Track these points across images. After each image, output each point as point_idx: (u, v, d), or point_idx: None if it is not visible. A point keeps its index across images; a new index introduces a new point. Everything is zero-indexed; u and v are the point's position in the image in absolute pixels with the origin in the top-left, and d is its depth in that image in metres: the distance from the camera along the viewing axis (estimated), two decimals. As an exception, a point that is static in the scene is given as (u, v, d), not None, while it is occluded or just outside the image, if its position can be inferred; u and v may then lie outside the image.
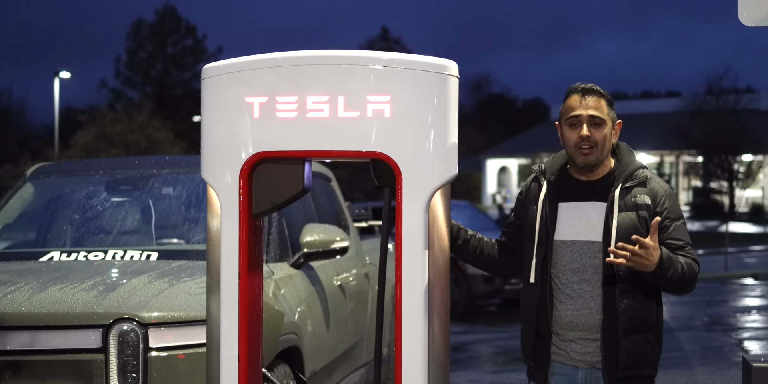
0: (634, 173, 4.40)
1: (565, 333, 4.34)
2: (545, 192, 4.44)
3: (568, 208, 4.40)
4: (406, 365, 4.09)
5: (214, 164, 4.21)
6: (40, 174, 7.23)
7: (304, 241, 6.55)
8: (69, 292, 5.42)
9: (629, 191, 4.35)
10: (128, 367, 5.15)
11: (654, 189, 4.37)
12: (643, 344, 4.29)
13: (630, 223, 4.28)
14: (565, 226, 4.37)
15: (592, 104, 4.38)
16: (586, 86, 4.45)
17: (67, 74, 43.01)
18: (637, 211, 4.31)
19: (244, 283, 4.16)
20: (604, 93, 4.43)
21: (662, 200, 4.35)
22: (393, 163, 4.07)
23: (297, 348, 6.09)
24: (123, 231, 6.75)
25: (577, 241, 4.35)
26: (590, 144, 4.34)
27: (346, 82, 4.08)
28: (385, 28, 64.41)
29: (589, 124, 4.35)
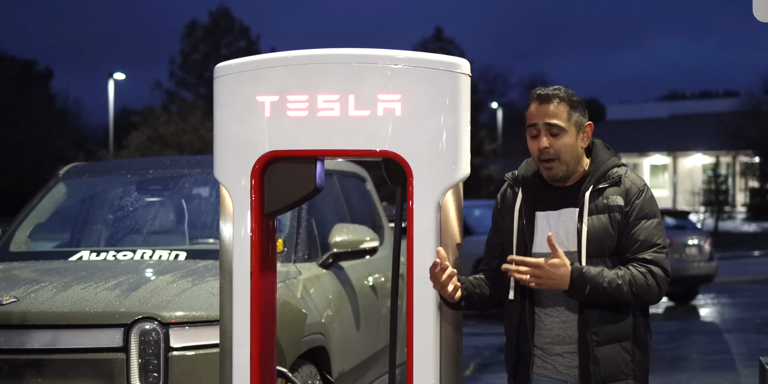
0: (607, 173, 4.11)
1: (552, 347, 4.09)
2: (520, 201, 4.15)
3: (545, 217, 4.12)
4: (418, 365, 4.07)
5: (225, 164, 4.21)
6: (72, 174, 7.27)
7: (333, 241, 6.53)
8: (92, 291, 5.44)
9: (601, 193, 4.07)
10: (149, 366, 5.15)
11: (626, 187, 4.08)
12: (619, 354, 4.03)
13: (601, 226, 4.02)
14: (543, 237, 4.06)
15: (551, 111, 4.05)
16: (543, 92, 4.09)
17: (122, 76, 43.34)
18: (609, 213, 4.04)
19: (256, 283, 4.16)
20: (566, 96, 4.08)
21: (633, 198, 4.05)
22: (404, 162, 4.05)
23: (323, 348, 6.06)
24: (153, 231, 6.77)
25: None
26: (550, 156, 4.04)
27: (357, 80, 4.07)
28: (439, 29, 64.25)
29: (547, 134, 4.05)
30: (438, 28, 64.36)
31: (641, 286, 3.96)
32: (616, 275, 3.94)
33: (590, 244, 4.00)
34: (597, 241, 4.01)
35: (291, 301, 5.77)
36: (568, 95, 4.09)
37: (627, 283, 3.94)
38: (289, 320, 5.66)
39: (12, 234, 6.86)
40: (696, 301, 19.05)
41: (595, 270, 3.93)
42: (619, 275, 3.95)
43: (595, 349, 4.00)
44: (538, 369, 4.13)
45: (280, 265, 6.22)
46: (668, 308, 18.43)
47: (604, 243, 4.02)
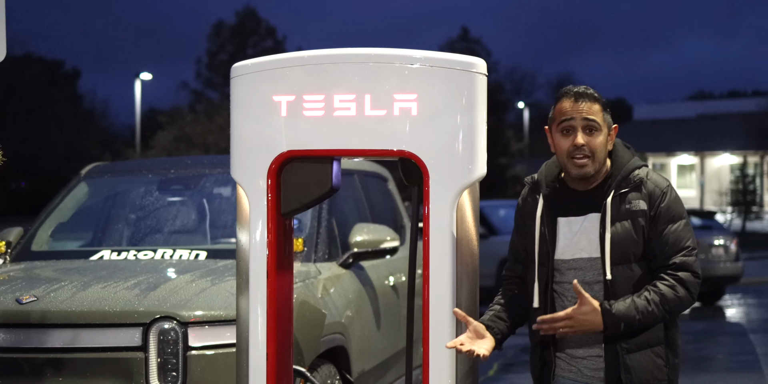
0: (628, 177, 4.03)
1: (575, 351, 4.04)
2: (542, 207, 4.08)
3: (567, 223, 4.05)
4: (434, 367, 4.06)
5: (242, 163, 4.21)
6: (94, 173, 7.30)
7: (353, 241, 6.53)
8: (111, 290, 5.46)
9: (623, 198, 3.99)
10: (168, 365, 5.17)
11: (649, 191, 4.00)
12: (652, 360, 3.97)
13: (625, 233, 3.95)
14: (566, 244, 4.02)
15: (587, 108, 3.99)
16: (579, 89, 4.05)
17: (149, 76, 43.50)
18: (633, 219, 3.96)
19: (273, 283, 4.15)
20: (599, 96, 4.05)
21: (657, 202, 3.98)
22: (420, 161, 4.04)
23: (343, 348, 6.06)
24: (174, 230, 6.79)
25: (579, 258, 4.01)
26: (584, 154, 3.97)
27: (373, 80, 4.06)
28: (465, 29, 64.19)
29: (583, 131, 3.99)
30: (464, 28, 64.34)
31: (672, 301, 3.90)
32: (646, 301, 3.87)
33: (614, 251, 3.94)
34: (621, 248, 3.94)
35: (310, 300, 5.78)
36: (599, 96, 4.06)
37: (659, 305, 3.88)
38: (308, 320, 5.66)
39: (34, 233, 6.89)
40: (722, 301, 18.95)
41: (623, 305, 3.87)
42: (650, 300, 3.88)
43: (625, 357, 3.94)
44: (562, 371, 4.08)
45: (300, 265, 6.23)
46: (694, 309, 18.34)
47: (628, 250, 3.95)
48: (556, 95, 4.09)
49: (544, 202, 4.07)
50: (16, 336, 5.31)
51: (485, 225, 17.63)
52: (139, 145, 41.45)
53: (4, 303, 5.41)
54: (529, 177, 4.21)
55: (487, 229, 17.44)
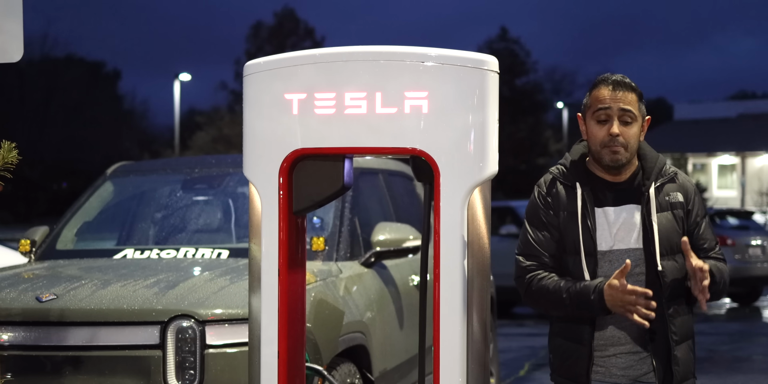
0: (663, 169, 4.06)
1: (605, 348, 4.02)
2: (581, 198, 4.03)
3: (603, 213, 4.03)
4: (445, 365, 4.04)
5: (254, 161, 4.21)
6: (119, 173, 7.35)
7: (375, 239, 6.53)
8: (130, 288, 5.49)
9: (661, 189, 4.03)
10: (185, 363, 5.18)
11: (684, 185, 4.08)
12: (689, 353, 4.03)
13: (669, 224, 3.98)
14: (603, 234, 4.01)
15: (624, 98, 3.98)
16: (617, 78, 4.03)
17: (188, 77, 43.71)
18: (672, 210, 4.01)
19: (284, 281, 4.15)
20: (635, 86, 4.05)
21: (693, 197, 4.06)
22: (430, 159, 4.02)
23: (364, 347, 6.06)
24: (197, 229, 6.82)
25: (617, 249, 4.00)
26: (619, 144, 3.97)
27: (384, 78, 4.04)
28: (504, 28, 64.01)
29: (620, 121, 3.97)
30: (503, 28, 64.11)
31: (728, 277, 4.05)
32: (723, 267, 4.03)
33: (662, 242, 3.95)
34: (668, 239, 3.97)
35: (328, 299, 5.78)
36: (636, 86, 4.06)
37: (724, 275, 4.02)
38: (326, 318, 5.66)
39: (59, 232, 6.95)
40: (759, 302, 18.81)
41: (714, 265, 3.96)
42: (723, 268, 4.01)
43: (675, 349, 3.95)
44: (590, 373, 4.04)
45: (322, 264, 6.23)
46: (731, 309, 18.23)
47: (673, 240, 3.98)
48: (593, 82, 4.08)
49: (582, 192, 4.04)
50: (36, 334, 5.35)
51: (520, 225, 17.55)
52: (178, 145, 41.65)
53: (24, 301, 5.46)
54: (555, 168, 4.18)
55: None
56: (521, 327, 14.87)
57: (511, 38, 64.02)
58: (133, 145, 50.11)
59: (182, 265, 6.07)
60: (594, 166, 4.12)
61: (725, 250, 17.50)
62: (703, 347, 12.95)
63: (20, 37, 4.59)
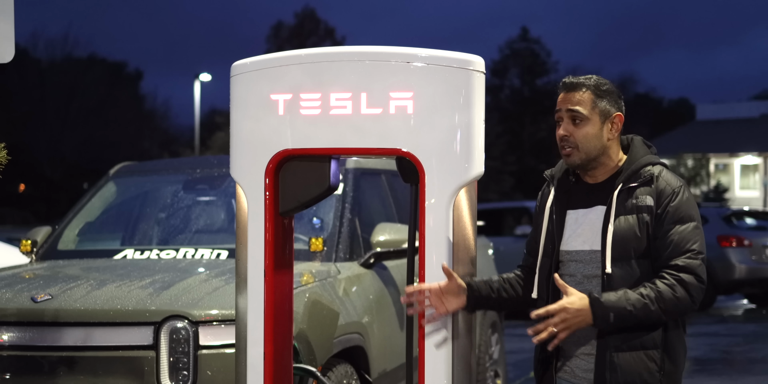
0: (639, 171, 3.96)
1: (569, 348, 3.98)
2: (552, 199, 4.08)
3: (575, 215, 4.02)
4: (430, 365, 4.02)
5: (240, 162, 4.21)
6: (122, 173, 7.36)
7: (375, 240, 6.50)
8: (125, 289, 5.49)
9: (631, 192, 3.92)
10: (179, 364, 5.18)
11: (660, 188, 3.91)
12: (643, 362, 3.85)
13: (627, 228, 3.87)
14: (571, 235, 4.00)
15: (574, 99, 3.95)
16: (569, 80, 4.02)
17: (208, 77, 43.80)
18: (638, 213, 3.89)
19: (270, 282, 4.15)
20: (593, 84, 3.98)
21: (666, 200, 3.88)
22: (416, 160, 4.01)
23: (361, 348, 6.04)
24: (198, 229, 6.83)
25: (581, 250, 3.97)
26: (569, 145, 3.95)
27: (369, 78, 4.04)
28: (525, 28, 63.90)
29: (569, 121, 3.96)
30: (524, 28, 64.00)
31: (669, 300, 3.79)
32: (640, 295, 3.77)
33: (615, 245, 3.86)
34: (622, 243, 3.86)
35: (323, 300, 5.76)
36: (597, 84, 3.99)
37: (654, 301, 3.78)
38: (321, 320, 5.65)
39: (61, 233, 6.96)
40: (776, 303, 18.71)
41: (614, 295, 3.78)
42: (644, 294, 3.78)
43: (613, 356, 3.85)
44: (559, 372, 4.02)
45: (320, 264, 6.22)
46: (747, 310, 18.14)
47: (629, 245, 3.87)
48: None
49: (555, 194, 4.08)
50: (30, 334, 5.36)
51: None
52: (198, 145, 41.76)
53: (20, 301, 5.47)
54: (548, 170, 4.21)
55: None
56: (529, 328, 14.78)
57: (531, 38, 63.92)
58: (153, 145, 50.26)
59: (180, 266, 6.07)
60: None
61: (742, 251, 17.50)
62: (717, 349, 12.90)
63: (11, 38, 4.59)
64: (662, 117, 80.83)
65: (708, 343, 13.43)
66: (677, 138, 60.54)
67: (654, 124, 78.31)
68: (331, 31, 62.26)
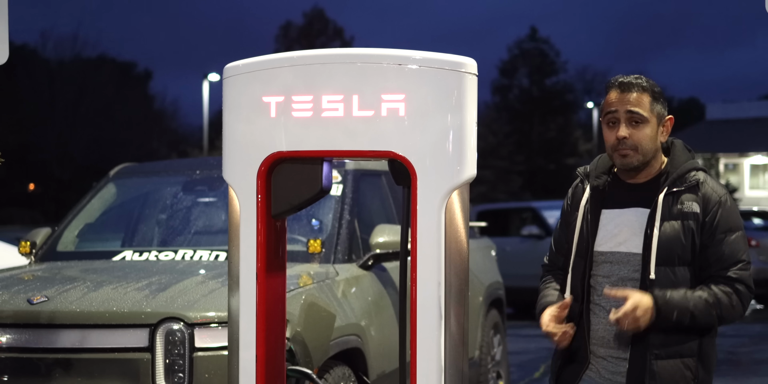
0: (684, 176, 3.92)
1: (597, 349, 3.97)
2: (587, 197, 4.03)
3: (611, 215, 3.98)
4: (421, 371, 4.00)
5: (233, 164, 4.19)
6: (122, 174, 7.36)
7: (374, 242, 6.48)
8: (121, 291, 5.49)
9: (677, 197, 3.88)
10: (174, 366, 5.18)
11: (706, 195, 3.88)
12: (680, 371, 3.86)
13: (673, 234, 3.84)
14: (606, 236, 3.96)
15: (632, 99, 3.91)
16: (625, 80, 3.97)
17: (217, 77, 43.82)
18: (683, 220, 3.85)
19: (262, 284, 4.13)
20: (648, 86, 3.97)
21: (714, 209, 3.85)
22: (407, 162, 3.99)
23: (359, 350, 6.03)
24: (197, 231, 6.82)
25: (617, 252, 3.94)
26: (628, 147, 3.90)
27: (361, 80, 4.02)
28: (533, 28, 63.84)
29: (627, 123, 3.90)
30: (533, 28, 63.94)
31: (726, 307, 3.81)
32: (700, 298, 3.77)
33: (660, 251, 3.82)
34: (668, 249, 3.83)
35: (319, 302, 5.75)
36: (651, 85, 3.98)
37: (713, 306, 3.78)
38: (317, 322, 5.64)
39: (60, 234, 6.97)
40: (784, 304, 18.66)
41: (678, 293, 3.78)
42: (705, 298, 3.77)
43: (653, 363, 3.82)
44: (586, 370, 4.01)
45: (318, 266, 6.21)
46: (754, 311, 18.09)
47: (674, 251, 3.84)
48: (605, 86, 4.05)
49: (591, 192, 4.03)
50: (26, 336, 5.36)
51: (541, 225, 17.49)
52: (207, 146, 41.79)
53: (16, 303, 5.47)
54: (582, 168, 4.17)
55: (543, 230, 17.29)
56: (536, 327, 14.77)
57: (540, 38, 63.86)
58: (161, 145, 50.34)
59: (177, 267, 6.07)
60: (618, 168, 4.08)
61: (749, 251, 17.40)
62: (722, 349, 12.85)
63: (5, 39, 4.60)
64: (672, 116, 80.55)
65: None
66: (687, 137, 60.34)
67: (664, 123, 78.03)
68: (339, 31, 62.28)
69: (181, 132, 60.70)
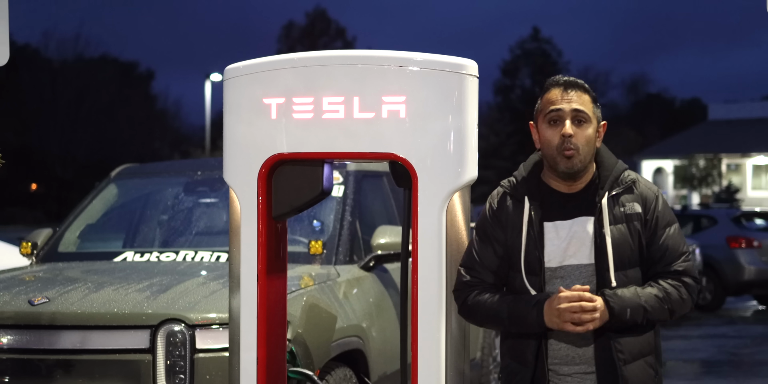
0: (619, 178, 3.83)
1: (559, 368, 3.81)
2: (528, 212, 3.82)
3: (553, 228, 3.82)
4: (422, 372, 4.00)
5: (233, 166, 4.20)
6: (123, 175, 7.36)
7: (375, 243, 6.47)
8: (122, 292, 5.49)
9: (617, 200, 3.79)
10: (175, 367, 5.17)
11: (643, 193, 3.82)
12: (645, 370, 3.79)
13: (621, 238, 3.75)
14: (554, 250, 3.79)
15: (577, 98, 3.79)
16: (569, 79, 3.84)
17: (219, 77, 43.81)
18: (628, 222, 3.78)
19: (263, 285, 4.13)
20: (589, 88, 3.87)
21: (652, 206, 3.80)
22: (408, 164, 3.99)
23: (361, 351, 6.02)
24: (198, 232, 6.82)
25: (567, 265, 3.79)
26: (573, 146, 3.75)
27: (362, 82, 4.02)
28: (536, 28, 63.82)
29: (573, 122, 3.77)
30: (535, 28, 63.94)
31: (676, 301, 3.76)
32: (650, 294, 3.72)
33: (616, 257, 3.74)
34: (619, 254, 3.75)
35: (320, 304, 5.75)
36: (589, 88, 3.89)
37: (664, 301, 3.73)
38: (318, 323, 5.64)
39: (62, 235, 6.96)
40: (785, 305, 18.63)
41: (628, 292, 3.70)
42: (654, 293, 3.72)
43: (623, 369, 3.73)
44: None
45: (320, 267, 6.21)
46: (756, 312, 18.07)
47: (625, 255, 3.77)
48: (544, 85, 3.92)
49: (530, 206, 3.84)
50: (27, 337, 5.36)
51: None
52: (209, 145, 41.79)
53: (17, 304, 5.47)
54: (507, 180, 3.98)
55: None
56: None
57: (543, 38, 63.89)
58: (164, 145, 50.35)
59: (179, 269, 6.06)
60: (549, 177, 3.90)
61: (751, 252, 17.43)
62: (724, 350, 12.85)
63: (6, 41, 4.59)
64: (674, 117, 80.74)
65: (716, 344, 13.39)
66: (689, 138, 60.42)
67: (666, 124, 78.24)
68: (342, 31, 62.32)
69: (183, 132, 60.76)
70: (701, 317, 16.60)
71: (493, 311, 3.82)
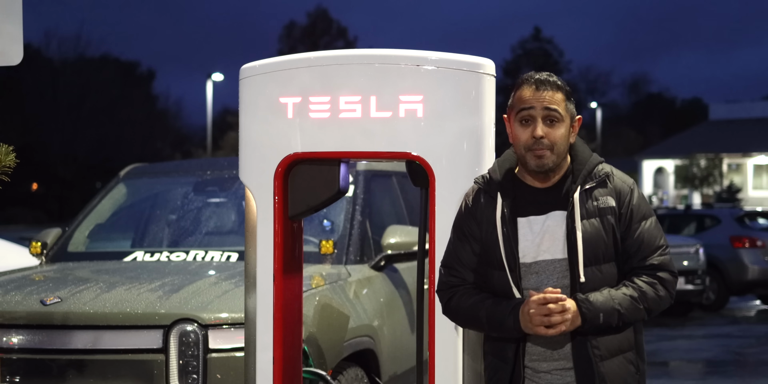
0: (593, 172, 3.76)
1: (538, 364, 3.75)
2: (501, 208, 3.74)
3: (527, 223, 3.75)
4: (440, 372, 4.00)
5: (249, 166, 4.19)
6: (132, 175, 7.34)
7: (386, 242, 6.46)
8: (135, 292, 5.48)
9: (590, 194, 3.72)
10: (188, 367, 5.16)
11: (617, 187, 3.75)
12: (625, 367, 3.73)
13: (594, 232, 3.68)
14: (528, 246, 3.72)
15: (549, 97, 3.70)
16: (540, 76, 3.74)
17: (220, 76, 43.84)
18: (602, 216, 3.71)
19: (279, 285, 4.13)
20: (563, 84, 3.77)
21: (627, 199, 3.73)
22: (425, 163, 3.99)
23: (372, 351, 6.01)
24: (208, 231, 6.81)
25: (541, 261, 3.72)
26: (544, 147, 3.68)
27: (378, 81, 4.02)
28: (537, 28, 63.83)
29: (544, 121, 3.70)
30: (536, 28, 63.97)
31: (652, 299, 3.69)
32: (624, 295, 3.66)
33: (585, 251, 3.68)
34: (592, 248, 3.69)
35: (333, 303, 5.74)
36: (563, 83, 3.79)
37: (639, 300, 3.67)
38: (331, 323, 5.63)
39: (71, 234, 6.95)
40: (789, 304, 18.61)
41: (601, 295, 3.64)
42: (629, 294, 3.66)
43: (599, 365, 3.68)
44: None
45: (330, 267, 6.20)
46: (760, 311, 18.06)
47: (598, 250, 3.71)
48: (516, 82, 3.82)
49: (503, 202, 3.76)
50: (39, 337, 5.35)
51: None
52: (210, 145, 41.78)
53: (29, 304, 5.46)
54: (480, 176, 3.89)
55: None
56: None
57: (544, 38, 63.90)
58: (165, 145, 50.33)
59: (190, 268, 6.05)
60: (522, 172, 3.83)
61: (755, 252, 17.42)
62: (729, 350, 12.83)
63: (20, 40, 4.58)
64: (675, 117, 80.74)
65: (720, 344, 13.37)
66: (690, 138, 60.38)
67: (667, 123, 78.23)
68: (343, 30, 62.30)
69: (184, 132, 60.75)
70: (705, 317, 16.59)
71: (473, 316, 3.76)
